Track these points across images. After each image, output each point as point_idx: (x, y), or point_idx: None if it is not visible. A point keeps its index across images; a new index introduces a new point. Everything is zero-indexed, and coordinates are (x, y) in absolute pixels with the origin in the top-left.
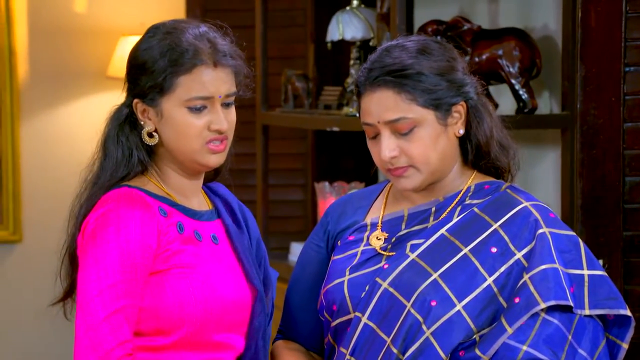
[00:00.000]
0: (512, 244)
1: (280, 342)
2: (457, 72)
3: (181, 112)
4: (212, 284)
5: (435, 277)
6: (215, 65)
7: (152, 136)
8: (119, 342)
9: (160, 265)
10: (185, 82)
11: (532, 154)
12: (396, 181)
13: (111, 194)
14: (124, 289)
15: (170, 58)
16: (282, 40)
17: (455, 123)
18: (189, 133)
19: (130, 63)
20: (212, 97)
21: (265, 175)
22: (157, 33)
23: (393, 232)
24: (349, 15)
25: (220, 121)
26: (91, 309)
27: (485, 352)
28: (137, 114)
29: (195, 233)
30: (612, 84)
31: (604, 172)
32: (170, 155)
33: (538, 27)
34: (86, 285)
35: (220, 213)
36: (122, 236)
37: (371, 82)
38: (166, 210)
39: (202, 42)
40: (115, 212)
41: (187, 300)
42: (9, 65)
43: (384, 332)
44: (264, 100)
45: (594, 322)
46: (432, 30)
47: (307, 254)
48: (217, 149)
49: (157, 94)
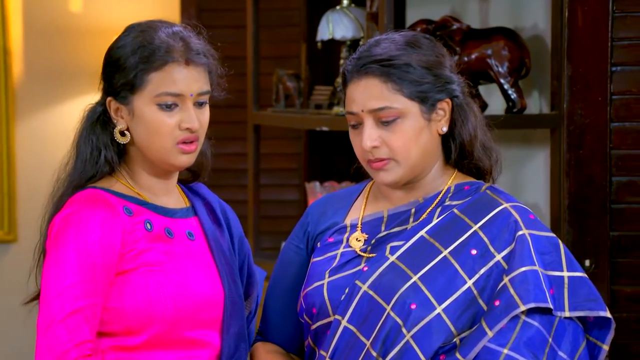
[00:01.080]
0: (492, 246)
1: (259, 343)
2: (444, 69)
3: (152, 109)
4: (183, 281)
5: (415, 280)
6: (187, 63)
7: (124, 135)
8: (76, 343)
9: (127, 265)
10: (156, 79)
11: (522, 154)
12: (375, 174)
13: (77, 195)
14: (83, 289)
15: (141, 55)
16: (276, 40)
17: (439, 120)
18: (159, 131)
19: (105, 61)
20: (183, 94)
21: (256, 174)
22: (131, 32)
23: (373, 234)
24: (339, 15)
25: (191, 120)
26: (50, 310)
27: (466, 356)
28: (110, 112)
29: (167, 230)
30: (599, 84)
31: (591, 172)
32: (141, 154)
33: (528, 27)
34: (46, 286)
35: (197, 211)
36: (82, 237)
37: (358, 69)
38: (132, 209)
39: (174, 40)
40: (77, 214)
41: (155, 299)
42: (3, 64)
43: (364, 336)
44: (256, 100)
45: (574, 324)
46: (421, 29)
47: (286, 255)
48: (187, 148)
49: (128, 92)
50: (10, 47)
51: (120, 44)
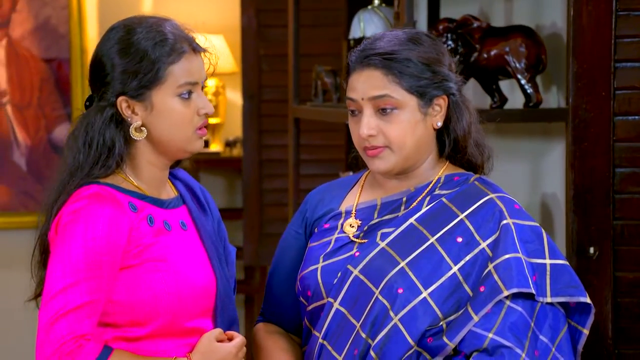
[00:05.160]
0: (477, 234)
1: (260, 324)
2: (443, 66)
3: (174, 100)
4: (183, 274)
5: (403, 266)
6: (195, 52)
7: (140, 131)
8: (75, 336)
9: (132, 260)
10: (176, 71)
11: (541, 146)
12: (370, 162)
13: (84, 191)
14: (88, 286)
15: (161, 50)
16: (320, 39)
17: (435, 115)
18: (183, 120)
19: (113, 62)
20: (198, 82)
21: (296, 165)
22: (133, 31)
23: (366, 221)
24: (369, 14)
25: (207, 105)
26: (53, 305)
27: (452, 339)
28: (122, 111)
29: (165, 223)
30: (602, 80)
31: (595, 164)
32: (153, 147)
33: (548, 25)
34: (51, 280)
35: (184, 199)
36: (89, 234)
37: (361, 61)
38: (136, 204)
39: (179, 31)
40: (85, 210)
41: (160, 294)
42: (80, 63)
43: (354, 318)
44: (296, 95)
45: (555, 309)
46: (443, 27)
47: (286, 240)
48: (203, 133)
49: (145, 88)
50: (86, 47)
51: (133, 43)
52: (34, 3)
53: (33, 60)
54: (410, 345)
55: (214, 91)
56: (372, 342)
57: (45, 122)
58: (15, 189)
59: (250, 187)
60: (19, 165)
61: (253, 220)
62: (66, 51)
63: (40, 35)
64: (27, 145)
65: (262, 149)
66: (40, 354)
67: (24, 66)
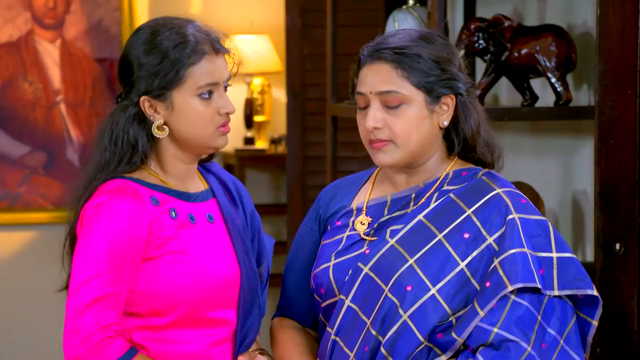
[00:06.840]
0: (483, 229)
1: (277, 319)
2: (452, 66)
3: (194, 101)
4: (204, 266)
5: (412, 263)
6: (217, 53)
7: (162, 129)
8: (101, 326)
9: (154, 252)
10: (196, 72)
11: (573, 144)
12: (375, 155)
13: (107, 185)
14: (110, 277)
15: (181, 52)
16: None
17: (442, 114)
18: (203, 120)
19: (136, 62)
20: (219, 83)
21: (334, 161)
22: (157, 33)
23: (376, 217)
24: (404, 14)
25: (227, 104)
26: (78, 295)
27: (460, 335)
28: (145, 110)
29: (189, 216)
30: (628, 78)
31: (621, 161)
32: (176, 144)
33: (579, 24)
34: (76, 272)
35: (214, 192)
36: (111, 227)
37: (372, 54)
38: (158, 198)
39: (201, 33)
40: (107, 204)
41: (180, 286)
42: None
43: (365, 315)
44: (334, 94)
45: (563, 302)
46: (474, 27)
47: (301, 236)
48: (226, 130)
49: (166, 89)
50: None
51: (156, 44)
52: (87, 5)
53: (86, 60)
54: (420, 341)
55: (259, 90)
56: (383, 339)
57: (97, 120)
58: (68, 185)
59: (294, 183)
60: (72, 161)
61: (296, 215)
62: (118, 51)
63: (92, 36)
64: (79, 143)
65: (305, 146)
66: (68, 344)
67: (77, 66)
